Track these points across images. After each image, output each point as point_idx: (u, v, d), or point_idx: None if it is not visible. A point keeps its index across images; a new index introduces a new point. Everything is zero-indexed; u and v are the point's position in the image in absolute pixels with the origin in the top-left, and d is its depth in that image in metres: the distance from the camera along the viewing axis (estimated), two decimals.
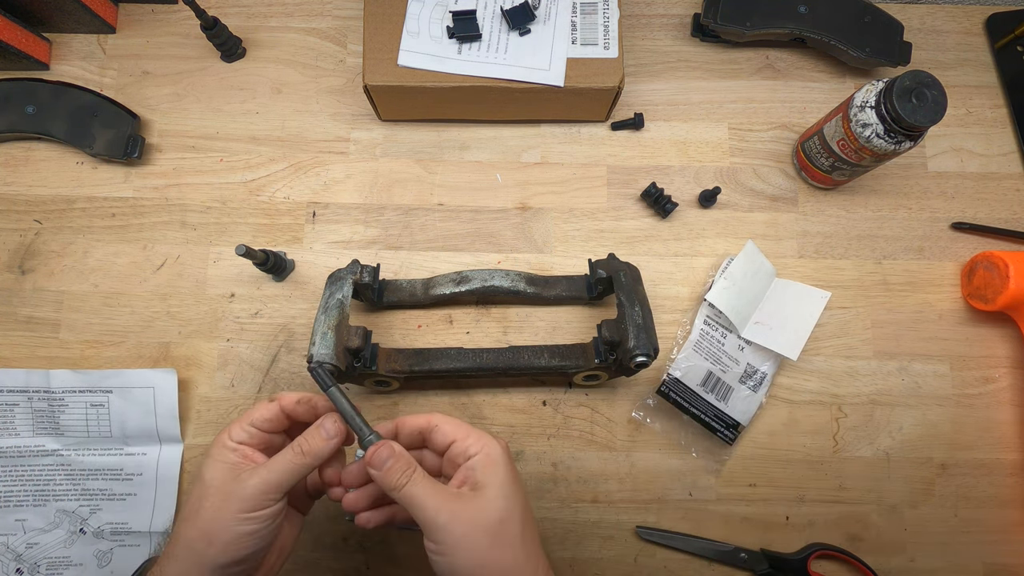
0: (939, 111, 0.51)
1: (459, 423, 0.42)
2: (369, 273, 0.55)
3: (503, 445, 0.41)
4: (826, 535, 0.59)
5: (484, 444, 0.41)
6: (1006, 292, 0.58)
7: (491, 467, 0.39)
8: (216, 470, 0.40)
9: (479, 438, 0.41)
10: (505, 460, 0.40)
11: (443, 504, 0.37)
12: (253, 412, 0.42)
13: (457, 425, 0.42)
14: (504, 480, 0.39)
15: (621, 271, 0.54)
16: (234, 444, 0.41)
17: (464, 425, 0.42)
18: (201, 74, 0.65)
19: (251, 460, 0.41)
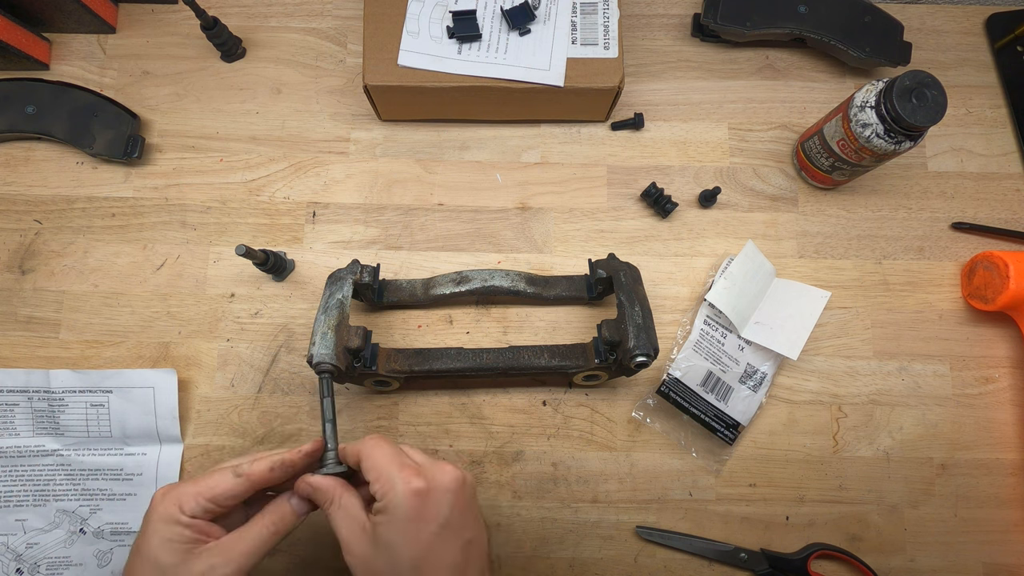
0: (939, 111, 0.51)
1: (378, 461, 0.39)
2: (369, 273, 0.55)
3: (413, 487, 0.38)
4: (826, 535, 0.59)
5: (385, 492, 0.38)
6: (1006, 292, 0.58)
7: (385, 518, 0.38)
8: (169, 552, 0.37)
9: (383, 483, 0.38)
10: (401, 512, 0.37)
11: (346, 536, 0.39)
12: (214, 485, 0.39)
13: (373, 465, 0.39)
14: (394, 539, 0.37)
15: (621, 271, 0.54)
16: (188, 519, 0.38)
17: (381, 465, 0.39)
18: (201, 74, 0.65)
19: (207, 536, 0.38)
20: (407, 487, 0.38)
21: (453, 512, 0.38)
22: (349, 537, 0.38)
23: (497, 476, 0.59)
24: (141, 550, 0.37)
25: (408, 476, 0.38)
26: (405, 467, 0.39)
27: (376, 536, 0.38)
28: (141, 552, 0.37)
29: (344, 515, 0.39)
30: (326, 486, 0.40)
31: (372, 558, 0.37)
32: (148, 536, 0.37)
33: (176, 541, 0.37)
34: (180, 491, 0.39)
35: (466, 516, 0.39)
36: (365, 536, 0.38)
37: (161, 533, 0.37)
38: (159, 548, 0.37)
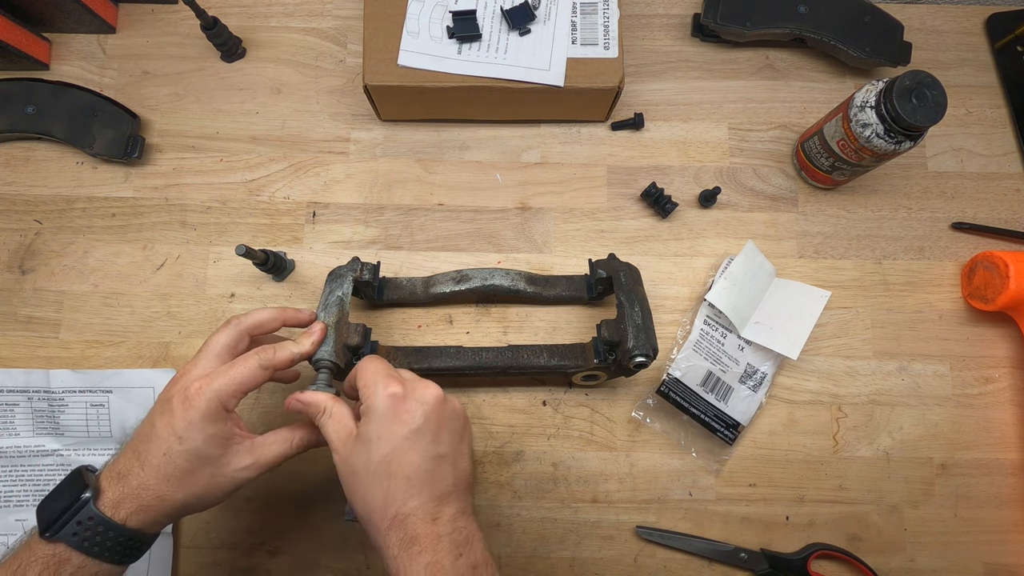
0: (939, 111, 0.51)
1: (366, 369, 0.43)
2: (369, 270, 0.56)
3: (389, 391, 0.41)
4: (826, 535, 0.59)
5: (367, 396, 0.42)
6: (1006, 292, 0.58)
7: (365, 418, 0.41)
8: (214, 447, 0.41)
9: (365, 387, 0.42)
10: (377, 412, 0.41)
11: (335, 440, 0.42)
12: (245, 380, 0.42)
13: (363, 374, 0.43)
14: (370, 434, 0.40)
15: (621, 271, 0.55)
16: (228, 414, 0.42)
17: (368, 374, 0.43)
18: (201, 74, 0.65)
19: (240, 435, 0.43)
20: (386, 391, 0.41)
21: (427, 422, 0.41)
22: (337, 440, 0.42)
23: (497, 476, 0.59)
24: (184, 442, 0.40)
25: (389, 383, 0.42)
26: (390, 377, 0.42)
27: (358, 436, 0.41)
28: (183, 444, 0.40)
29: (334, 423, 0.42)
30: (317, 399, 0.43)
31: (352, 454, 0.41)
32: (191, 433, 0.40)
33: (217, 440, 0.41)
34: (219, 387, 0.41)
35: (440, 430, 0.42)
36: (351, 439, 0.41)
37: (208, 431, 0.41)
38: (205, 444, 0.41)
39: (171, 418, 0.41)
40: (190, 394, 0.41)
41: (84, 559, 0.38)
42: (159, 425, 0.41)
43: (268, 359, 0.44)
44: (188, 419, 0.40)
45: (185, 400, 0.41)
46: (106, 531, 0.39)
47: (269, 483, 0.58)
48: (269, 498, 0.58)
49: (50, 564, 0.38)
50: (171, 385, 0.43)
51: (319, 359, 0.48)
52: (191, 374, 0.42)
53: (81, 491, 0.39)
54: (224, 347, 0.44)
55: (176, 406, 0.41)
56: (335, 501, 0.58)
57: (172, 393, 0.42)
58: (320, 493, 0.58)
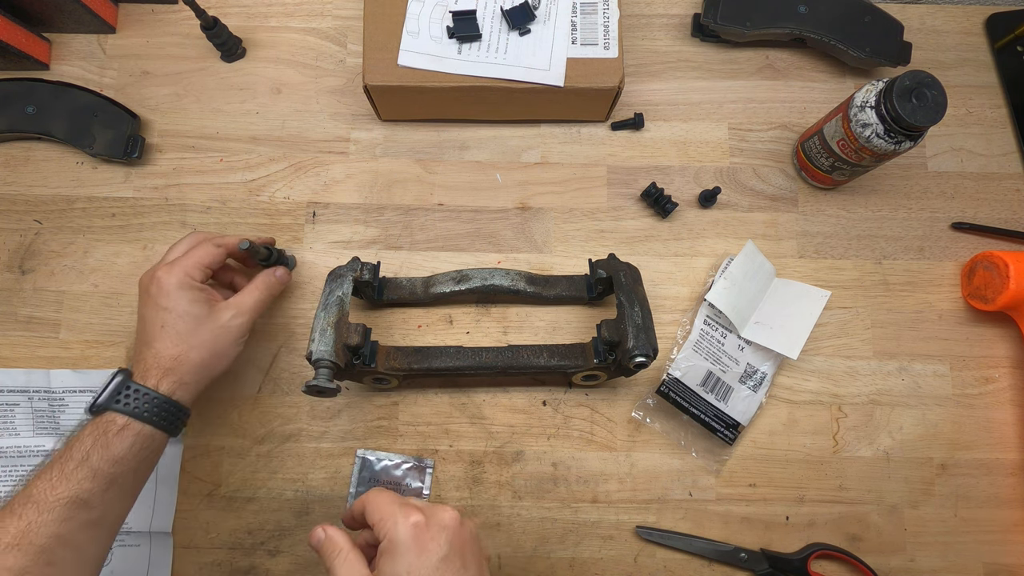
0: (939, 111, 0.51)
1: (377, 502, 0.41)
2: (369, 270, 0.56)
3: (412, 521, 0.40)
4: (826, 535, 0.59)
5: (387, 530, 0.40)
6: (1006, 292, 0.58)
7: (387, 556, 0.39)
8: (199, 306, 0.49)
9: (383, 521, 0.40)
10: (402, 546, 0.39)
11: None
12: (204, 255, 0.50)
13: (374, 507, 0.41)
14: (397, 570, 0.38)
15: (621, 271, 0.55)
16: (200, 284, 0.50)
17: (383, 506, 0.41)
18: (201, 74, 0.65)
19: (215, 298, 0.51)
20: (407, 521, 0.40)
21: (452, 548, 0.40)
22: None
23: (497, 476, 0.59)
24: (171, 309, 0.48)
25: (409, 512, 0.40)
26: (407, 506, 0.41)
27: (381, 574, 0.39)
28: (172, 311, 0.48)
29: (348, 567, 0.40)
30: (337, 540, 0.41)
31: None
32: (174, 301, 0.48)
33: (199, 301, 0.49)
34: (181, 266, 0.49)
35: (465, 553, 0.40)
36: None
37: (187, 296, 0.48)
38: (190, 305, 0.48)
39: (152, 299, 0.48)
40: (158, 276, 0.48)
41: (127, 419, 0.44)
42: (146, 311, 0.48)
43: (218, 240, 0.52)
44: (166, 292, 0.48)
45: (157, 282, 0.48)
46: (143, 395, 0.45)
47: (269, 483, 0.58)
48: (269, 498, 0.58)
49: (98, 428, 0.44)
50: (142, 282, 0.50)
51: (319, 358, 0.48)
52: (157, 268, 0.49)
53: (114, 375, 0.46)
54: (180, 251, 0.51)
55: (152, 290, 0.48)
56: (335, 501, 0.58)
57: (145, 285, 0.49)
58: (320, 493, 0.58)
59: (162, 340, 0.47)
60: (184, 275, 0.48)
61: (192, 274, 0.49)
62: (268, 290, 0.54)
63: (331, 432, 0.59)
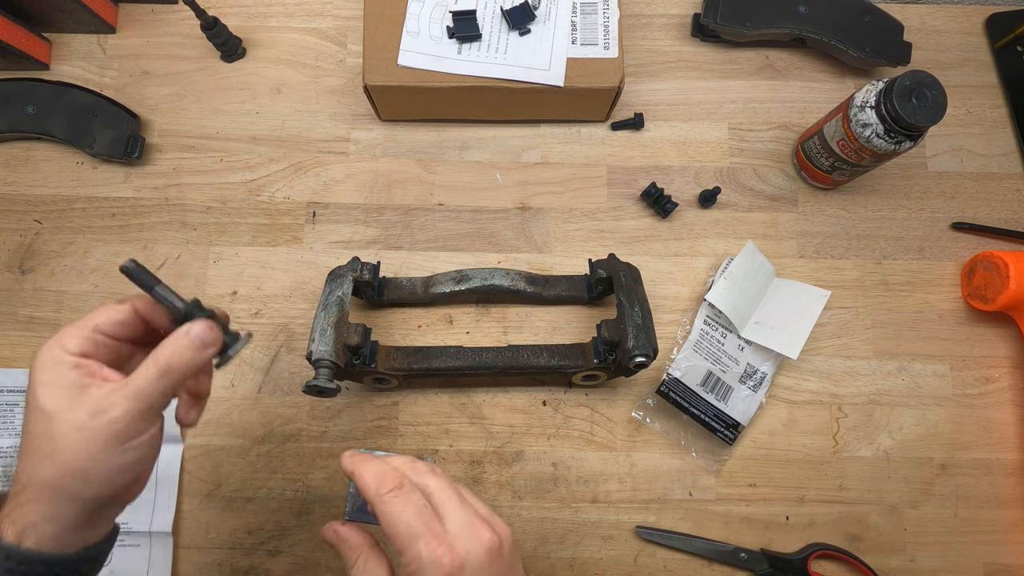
0: (939, 111, 0.51)
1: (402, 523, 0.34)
2: (369, 270, 0.56)
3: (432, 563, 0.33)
4: (826, 535, 0.59)
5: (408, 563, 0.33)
6: (1006, 292, 0.58)
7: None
8: (57, 396, 0.32)
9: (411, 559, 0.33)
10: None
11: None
12: (95, 315, 0.35)
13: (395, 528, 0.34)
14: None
15: (621, 271, 0.55)
16: (73, 358, 0.33)
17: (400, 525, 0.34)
18: (201, 74, 0.65)
19: (99, 377, 0.33)
20: (431, 556, 0.33)
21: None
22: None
23: (497, 476, 0.59)
24: (33, 400, 0.33)
25: (437, 553, 0.33)
26: (433, 538, 0.33)
27: None
28: (33, 403, 0.33)
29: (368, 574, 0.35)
30: (354, 542, 0.37)
31: None
32: (36, 383, 0.33)
33: (60, 385, 0.33)
34: (62, 331, 0.34)
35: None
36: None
37: (44, 378, 0.33)
38: (48, 395, 0.32)
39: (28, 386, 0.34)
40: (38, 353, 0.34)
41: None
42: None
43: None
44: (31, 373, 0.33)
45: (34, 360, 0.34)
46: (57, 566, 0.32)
47: (269, 483, 0.58)
48: (269, 498, 0.58)
49: None
50: None
51: (319, 358, 0.48)
52: None
53: None
54: None
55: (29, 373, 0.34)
56: (335, 501, 0.58)
57: None
58: (320, 493, 0.58)
59: (20, 457, 0.33)
60: (56, 346, 0.33)
61: (67, 342, 0.33)
62: (168, 361, 0.34)
63: (331, 432, 0.59)
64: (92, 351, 0.34)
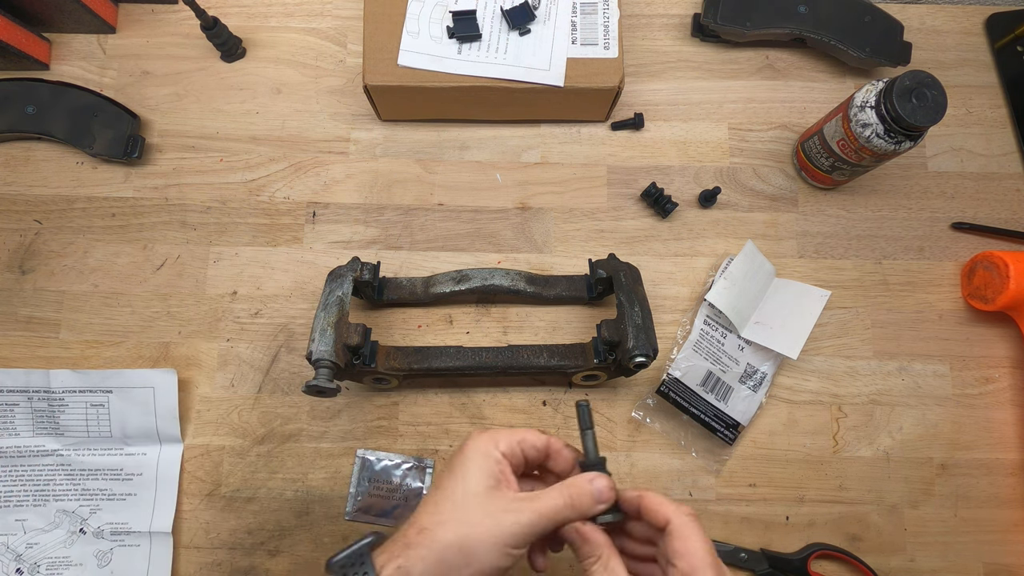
0: (939, 111, 0.51)
1: (694, 546, 0.36)
2: (369, 270, 0.56)
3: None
4: (826, 535, 0.59)
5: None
6: (1006, 292, 0.58)
7: None
8: (481, 478, 0.38)
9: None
10: None
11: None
12: (524, 434, 0.40)
13: (689, 549, 0.36)
14: None
15: (621, 271, 0.55)
16: (499, 455, 0.39)
17: (697, 554, 0.36)
18: (201, 74, 0.65)
19: (507, 480, 0.39)
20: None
21: None
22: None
23: None
24: (455, 472, 0.38)
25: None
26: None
27: None
28: (454, 473, 0.38)
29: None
30: (598, 541, 0.38)
31: None
32: (467, 461, 0.38)
33: (488, 473, 0.38)
34: (496, 431, 0.40)
35: None
36: None
37: (477, 461, 0.38)
38: (475, 474, 0.38)
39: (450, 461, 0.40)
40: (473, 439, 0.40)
41: None
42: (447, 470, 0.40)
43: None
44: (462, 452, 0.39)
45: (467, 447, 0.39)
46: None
47: (269, 483, 0.58)
48: (269, 498, 0.58)
49: None
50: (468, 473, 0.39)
51: (319, 358, 0.48)
52: None
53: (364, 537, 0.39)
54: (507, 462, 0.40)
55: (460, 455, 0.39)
56: (335, 501, 0.58)
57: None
58: (320, 493, 0.58)
59: (425, 505, 0.39)
60: (491, 441, 0.39)
61: (500, 442, 0.39)
62: (571, 500, 0.38)
63: (331, 432, 0.59)
64: (511, 455, 0.39)
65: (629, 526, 0.41)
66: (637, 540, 0.41)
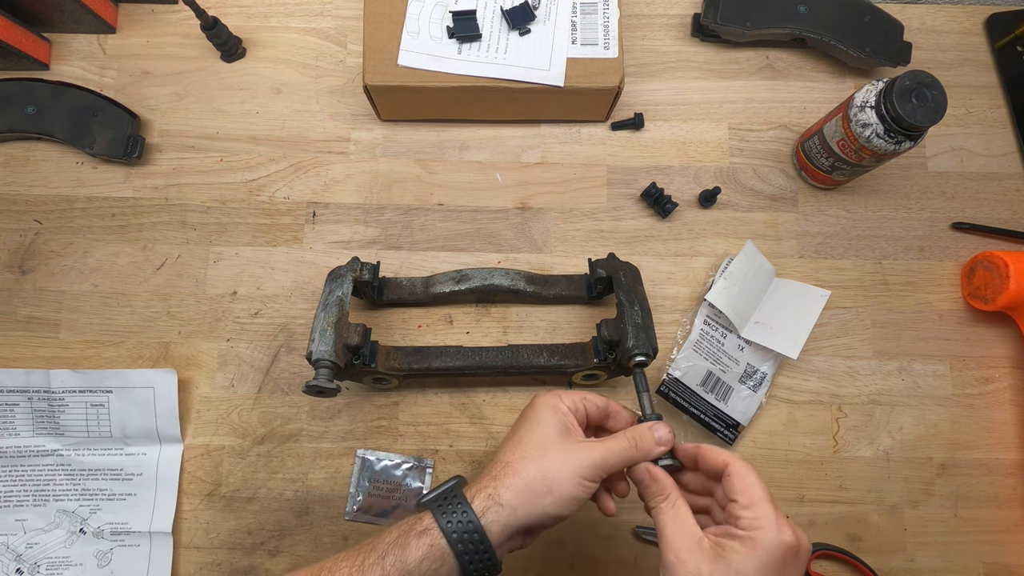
0: (939, 111, 0.51)
1: (753, 486, 0.39)
2: (369, 270, 0.56)
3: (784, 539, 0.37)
4: (826, 535, 0.59)
5: (758, 526, 0.37)
6: (1006, 292, 0.58)
7: (746, 549, 0.37)
8: (553, 425, 0.43)
9: (758, 516, 0.38)
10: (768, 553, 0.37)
11: (678, 542, 0.39)
12: (586, 393, 0.45)
13: (747, 486, 0.39)
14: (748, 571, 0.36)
15: (621, 270, 0.55)
16: (565, 409, 0.44)
17: (756, 491, 0.39)
18: (201, 74, 0.65)
19: (575, 429, 0.44)
20: (784, 536, 0.37)
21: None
22: (680, 543, 0.39)
23: None
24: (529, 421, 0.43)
25: (784, 525, 0.38)
26: (780, 513, 0.39)
27: (722, 556, 0.37)
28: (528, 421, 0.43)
29: (677, 519, 0.40)
30: (667, 483, 0.41)
31: (704, 568, 0.37)
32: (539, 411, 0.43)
33: (558, 422, 0.43)
34: (561, 391, 0.45)
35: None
36: (699, 549, 0.38)
37: (547, 412, 0.43)
38: (547, 421, 0.43)
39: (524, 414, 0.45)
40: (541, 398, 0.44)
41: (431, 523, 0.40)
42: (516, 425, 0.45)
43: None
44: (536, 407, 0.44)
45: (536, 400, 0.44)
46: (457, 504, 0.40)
47: (269, 483, 0.58)
48: (269, 498, 0.58)
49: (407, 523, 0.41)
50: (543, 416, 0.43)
51: (319, 358, 0.48)
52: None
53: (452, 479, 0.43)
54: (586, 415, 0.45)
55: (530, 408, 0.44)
56: (335, 501, 0.58)
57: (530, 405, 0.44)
58: (320, 493, 0.58)
59: (505, 447, 0.43)
60: (556, 397, 0.44)
61: (564, 398, 0.44)
62: (636, 442, 0.43)
63: (331, 432, 0.59)
64: (572, 411, 0.44)
65: (684, 478, 0.45)
66: (692, 491, 0.44)
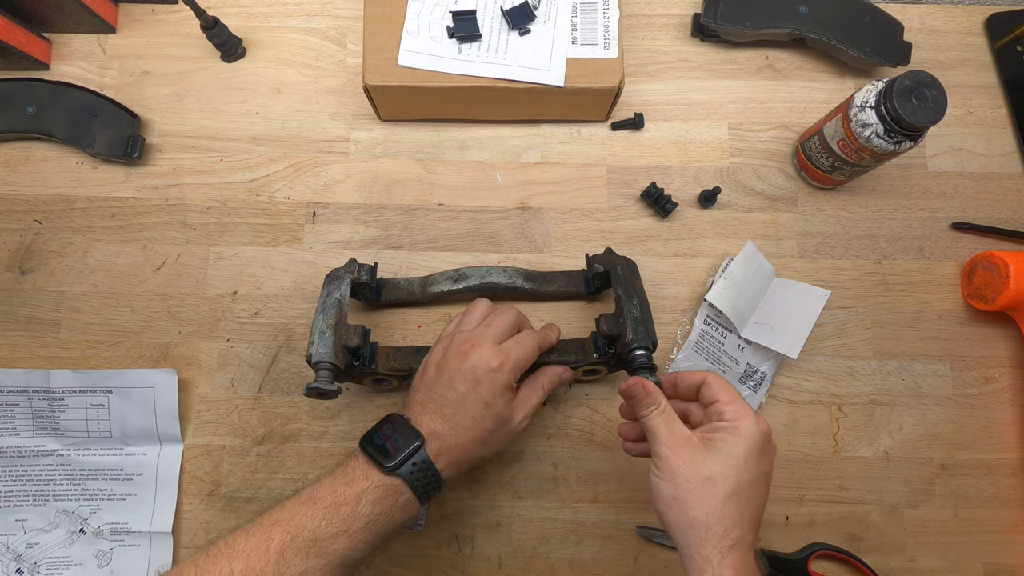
0: (939, 111, 0.51)
1: (729, 389, 0.44)
2: (366, 272, 0.56)
3: (761, 428, 0.42)
4: (826, 535, 0.59)
5: (740, 416, 0.42)
6: (1006, 292, 0.58)
7: (732, 437, 0.41)
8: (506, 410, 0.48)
9: (738, 409, 0.42)
10: (751, 438, 0.41)
11: (672, 439, 0.42)
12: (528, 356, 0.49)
13: (724, 389, 0.44)
14: (736, 453, 0.41)
15: (618, 265, 0.55)
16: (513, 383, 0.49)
17: (733, 392, 0.44)
18: (201, 74, 0.65)
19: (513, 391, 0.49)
20: (761, 425, 0.42)
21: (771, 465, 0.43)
22: (673, 440, 0.42)
23: (497, 476, 0.59)
24: (488, 404, 0.47)
25: (760, 419, 0.43)
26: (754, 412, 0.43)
27: (712, 446, 0.41)
28: (491, 409, 0.47)
29: (669, 422, 0.43)
30: (658, 394, 0.44)
31: (703, 460, 0.41)
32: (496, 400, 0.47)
33: (511, 400, 0.49)
34: (512, 365, 0.48)
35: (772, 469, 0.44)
36: (691, 443, 0.42)
37: (504, 398, 0.48)
38: (502, 409, 0.48)
39: (478, 388, 0.47)
40: (494, 367, 0.47)
41: (410, 496, 0.45)
42: (467, 394, 0.47)
43: (545, 342, 0.52)
44: (494, 389, 0.47)
45: (491, 373, 0.47)
46: (430, 475, 0.45)
47: (269, 483, 0.58)
48: (269, 498, 0.58)
49: (390, 495, 0.44)
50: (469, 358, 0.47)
51: (319, 361, 0.48)
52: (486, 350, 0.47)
53: (417, 438, 0.45)
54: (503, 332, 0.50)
55: (483, 378, 0.47)
56: None
57: (477, 370, 0.47)
58: None
59: (466, 432, 0.47)
60: (511, 378, 0.48)
61: (517, 377, 0.49)
62: (547, 392, 0.52)
63: (331, 432, 0.59)
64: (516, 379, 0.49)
65: None
66: None
